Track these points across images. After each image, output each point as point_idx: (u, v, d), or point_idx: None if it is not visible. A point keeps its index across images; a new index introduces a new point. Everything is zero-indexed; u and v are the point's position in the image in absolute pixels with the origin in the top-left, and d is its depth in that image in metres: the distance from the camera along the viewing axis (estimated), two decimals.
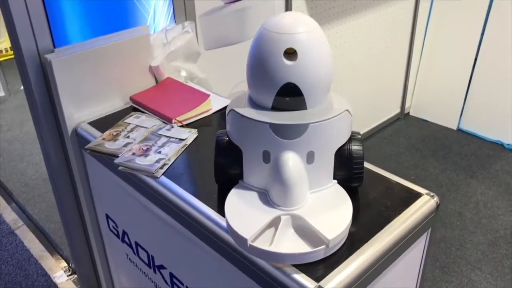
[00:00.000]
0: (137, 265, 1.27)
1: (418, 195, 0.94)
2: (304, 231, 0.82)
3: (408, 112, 2.98)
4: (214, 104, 1.27)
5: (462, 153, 2.57)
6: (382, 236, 0.84)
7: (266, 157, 0.84)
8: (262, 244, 0.79)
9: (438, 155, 2.56)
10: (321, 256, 0.79)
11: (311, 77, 0.82)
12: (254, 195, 0.88)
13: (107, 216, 1.31)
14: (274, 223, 0.83)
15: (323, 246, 0.78)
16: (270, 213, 0.83)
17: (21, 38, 1.13)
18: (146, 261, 1.20)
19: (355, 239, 0.84)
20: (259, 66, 0.83)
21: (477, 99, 2.69)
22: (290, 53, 0.81)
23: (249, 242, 0.78)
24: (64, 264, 1.88)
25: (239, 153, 0.88)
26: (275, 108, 0.84)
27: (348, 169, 0.89)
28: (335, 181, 0.90)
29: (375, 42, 2.49)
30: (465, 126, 2.78)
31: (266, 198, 0.87)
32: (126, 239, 1.26)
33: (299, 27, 0.81)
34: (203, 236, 0.92)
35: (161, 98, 1.28)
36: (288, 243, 0.80)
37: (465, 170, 2.42)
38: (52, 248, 1.95)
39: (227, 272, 0.90)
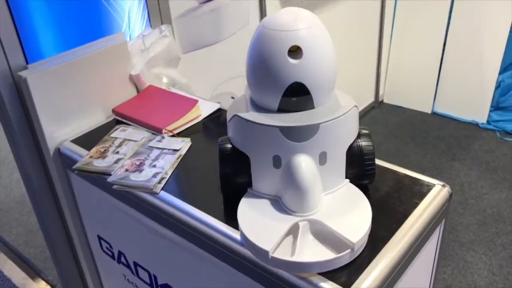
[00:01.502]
0: (137, 286, 1.20)
1: (430, 186, 0.92)
2: (324, 236, 0.78)
3: (382, 100, 2.99)
4: (202, 109, 1.22)
5: (440, 136, 2.60)
6: (402, 233, 0.82)
7: (277, 162, 0.80)
8: (283, 254, 0.75)
9: (417, 140, 2.58)
10: (346, 261, 0.75)
11: (318, 75, 0.78)
12: (266, 203, 0.83)
13: (99, 237, 1.24)
14: (292, 231, 0.79)
15: (348, 251, 0.74)
16: (286, 221, 0.79)
17: None
18: (148, 281, 1.14)
19: (376, 238, 0.81)
20: (262, 67, 0.78)
21: (449, 81, 2.72)
22: (293, 51, 0.77)
23: (271, 254, 0.74)
24: None
25: (246, 160, 0.83)
26: (281, 110, 0.80)
27: (359, 167, 0.86)
28: (347, 180, 0.87)
29: (346, 32, 2.48)
30: (440, 109, 2.81)
31: (279, 205, 0.82)
32: (123, 259, 1.19)
33: (301, 23, 0.77)
34: (214, 250, 0.87)
35: (146, 108, 1.22)
36: (310, 251, 0.76)
37: (445, 153, 2.45)
38: (35, 274, 1.84)
39: (244, 286, 0.85)
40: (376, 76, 2.86)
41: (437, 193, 0.90)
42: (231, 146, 0.85)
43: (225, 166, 0.86)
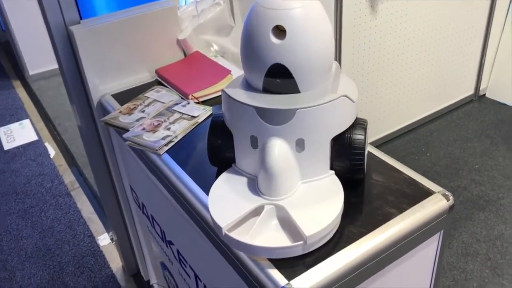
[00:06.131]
0: (154, 238, 1.29)
1: (428, 193, 0.84)
2: (287, 223, 0.77)
3: (484, 94, 2.71)
4: None
5: None
6: (376, 235, 0.77)
7: (254, 142, 0.79)
8: (240, 234, 0.75)
9: (511, 143, 2.31)
10: (298, 252, 0.73)
11: (302, 58, 0.75)
12: (243, 181, 0.84)
13: (131, 188, 1.34)
14: (258, 213, 0.79)
15: (300, 242, 0.72)
16: (254, 201, 0.79)
17: (47, 10, 1.16)
18: (160, 235, 1.21)
19: (345, 236, 0.77)
20: (248, 44, 0.77)
21: None
22: (281, 31, 0.74)
23: (224, 231, 0.75)
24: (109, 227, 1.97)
25: (231, 136, 0.83)
26: (265, 90, 0.79)
27: (346, 159, 0.82)
28: (332, 172, 0.83)
29: (446, 10, 2.25)
30: None
31: (254, 185, 0.82)
32: (145, 211, 1.28)
33: (292, 2, 0.74)
34: (194, 218, 0.90)
35: (184, 72, 1.26)
36: (267, 236, 0.75)
37: None
38: (101, 211, 2.04)
39: (214, 256, 0.88)
40: (479, 66, 2.59)
41: (434, 202, 0.82)
42: (222, 120, 0.86)
43: (212, 137, 0.87)
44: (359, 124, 0.83)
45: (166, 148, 1.01)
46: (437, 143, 2.34)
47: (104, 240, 1.89)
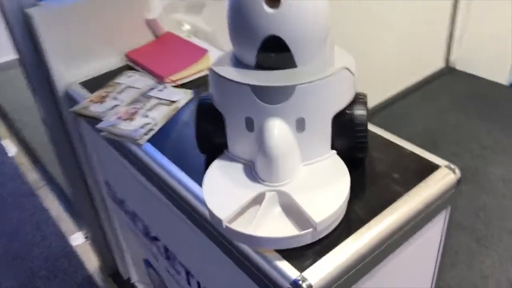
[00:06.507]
0: (136, 235, 1.21)
1: (434, 168, 0.79)
2: (291, 210, 0.70)
3: (454, 66, 2.72)
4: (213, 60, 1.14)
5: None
6: (386, 217, 0.72)
7: (250, 124, 0.72)
8: (241, 225, 0.68)
9: (483, 114, 2.33)
10: (308, 241, 0.67)
11: (300, 28, 0.68)
12: (238, 168, 0.76)
13: (107, 183, 1.24)
14: (258, 201, 0.72)
15: (310, 230, 0.66)
16: (253, 189, 0.72)
17: None
18: (143, 231, 1.13)
19: (353, 220, 0.71)
20: (238, 16, 0.69)
21: None
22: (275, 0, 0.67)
23: (225, 223, 0.68)
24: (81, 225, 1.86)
25: (222, 119, 0.76)
26: (259, 66, 0.71)
27: (349, 138, 0.76)
28: (334, 151, 0.77)
29: None
30: None
31: (251, 171, 0.75)
32: (125, 207, 1.19)
33: None
34: (185, 211, 0.82)
35: (157, 55, 1.17)
36: (272, 225, 0.69)
37: None
38: (72, 209, 1.93)
39: (211, 251, 0.81)
40: (448, 40, 2.58)
41: (442, 177, 0.78)
42: (210, 102, 0.79)
43: (202, 122, 0.79)
44: (359, 99, 0.77)
45: (147, 137, 0.92)
46: (413, 118, 2.33)
47: (77, 239, 1.78)
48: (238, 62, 0.74)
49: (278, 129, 0.70)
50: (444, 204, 0.79)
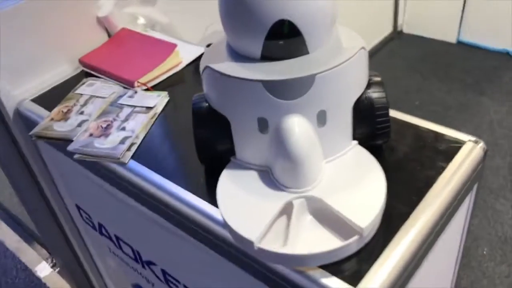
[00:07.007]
0: (122, 259, 1.08)
1: (459, 144, 0.73)
2: (325, 216, 0.62)
3: (402, 30, 2.71)
4: (184, 55, 1.03)
5: (466, 69, 2.35)
6: (426, 207, 0.65)
7: (263, 125, 0.62)
8: (273, 243, 0.59)
9: (440, 74, 2.34)
10: (353, 249, 0.59)
11: (312, 8, 0.58)
12: (253, 176, 0.67)
13: (78, 207, 1.10)
14: (285, 212, 0.63)
15: (356, 237, 0.58)
16: (278, 199, 0.63)
17: None
18: (132, 256, 1.01)
19: (390, 216, 0.64)
20: (240, 2, 0.58)
21: (477, 5, 2.42)
22: None
23: (256, 245, 0.58)
24: (45, 253, 1.68)
25: (225, 123, 0.65)
26: (266, 57, 0.61)
27: (370, 124, 0.68)
28: (355, 142, 0.69)
29: None
30: (466, 38, 2.53)
31: (269, 178, 0.66)
32: (104, 231, 1.06)
33: None
34: (194, 232, 0.71)
35: (117, 56, 1.03)
36: (307, 238, 0.60)
37: (472, 88, 2.22)
38: (30, 237, 1.74)
39: (231, 273, 0.71)
40: (394, 3, 2.56)
41: (469, 152, 0.72)
42: (207, 105, 0.68)
43: (201, 129, 0.69)
44: (374, 79, 0.69)
45: (130, 153, 0.80)
46: None
47: (44, 270, 1.61)
48: (238, 55, 0.64)
49: (298, 127, 0.61)
50: (474, 181, 0.74)
